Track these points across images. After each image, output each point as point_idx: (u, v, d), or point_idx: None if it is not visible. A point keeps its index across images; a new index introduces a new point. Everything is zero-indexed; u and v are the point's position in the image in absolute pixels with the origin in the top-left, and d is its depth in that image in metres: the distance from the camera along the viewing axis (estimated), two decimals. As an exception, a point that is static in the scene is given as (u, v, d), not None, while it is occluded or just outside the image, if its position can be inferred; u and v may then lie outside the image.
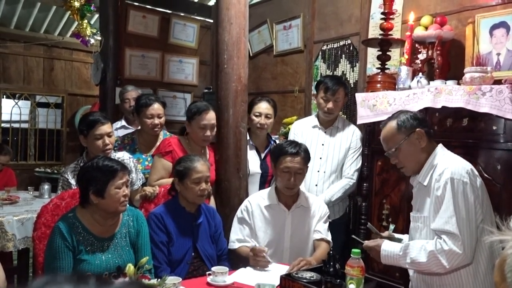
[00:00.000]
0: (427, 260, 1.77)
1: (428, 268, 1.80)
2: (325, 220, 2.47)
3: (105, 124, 2.44)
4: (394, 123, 1.93)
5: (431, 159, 1.89)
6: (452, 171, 1.78)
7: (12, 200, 3.42)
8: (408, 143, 1.89)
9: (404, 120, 1.91)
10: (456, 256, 1.72)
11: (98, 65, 4.19)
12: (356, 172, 2.90)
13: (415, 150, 1.90)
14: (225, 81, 2.76)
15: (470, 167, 1.82)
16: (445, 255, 1.73)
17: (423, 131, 1.89)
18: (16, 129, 6.47)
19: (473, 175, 1.80)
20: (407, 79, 2.69)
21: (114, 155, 2.58)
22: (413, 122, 1.90)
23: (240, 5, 2.75)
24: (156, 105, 2.88)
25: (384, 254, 1.91)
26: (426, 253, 1.77)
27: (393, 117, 1.97)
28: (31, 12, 5.87)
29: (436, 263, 1.75)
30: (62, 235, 1.86)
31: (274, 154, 2.44)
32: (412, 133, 1.89)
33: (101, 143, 2.41)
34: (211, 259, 2.30)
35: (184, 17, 4.90)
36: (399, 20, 3.17)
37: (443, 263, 1.74)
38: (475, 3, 2.74)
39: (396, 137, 1.91)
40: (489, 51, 2.55)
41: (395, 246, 1.90)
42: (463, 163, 1.84)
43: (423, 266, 1.81)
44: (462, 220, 1.73)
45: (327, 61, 3.84)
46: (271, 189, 2.48)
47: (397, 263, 1.89)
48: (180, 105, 4.77)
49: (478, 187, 1.80)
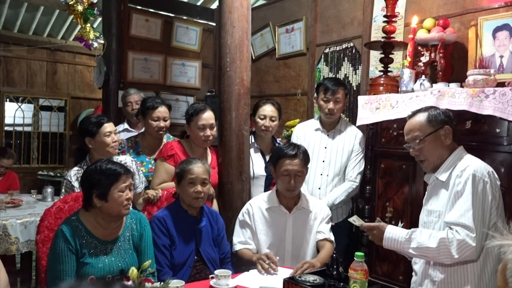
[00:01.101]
0: (436, 246, 1.77)
1: (435, 255, 1.79)
2: (327, 221, 2.47)
3: (110, 122, 2.57)
4: (425, 115, 1.94)
5: (453, 156, 1.91)
6: (475, 169, 1.80)
7: (15, 203, 3.43)
8: (434, 137, 1.91)
9: (435, 114, 1.93)
10: (467, 248, 1.72)
11: (101, 68, 4.20)
12: (359, 175, 2.90)
13: (439, 145, 1.91)
14: (228, 84, 2.76)
15: (491, 169, 1.84)
16: (456, 245, 1.73)
17: (451, 129, 1.91)
18: (19, 132, 6.50)
19: (494, 178, 1.82)
20: (410, 81, 2.68)
21: (116, 158, 2.59)
22: (443, 118, 1.92)
23: (243, 9, 2.75)
24: (162, 108, 2.90)
25: (388, 236, 1.91)
26: (436, 240, 1.77)
27: (424, 110, 1.98)
28: (35, 16, 5.90)
29: (445, 251, 1.75)
30: (66, 238, 1.86)
31: (273, 157, 2.46)
32: (441, 129, 1.90)
33: (111, 140, 2.52)
34: (213, 262, 2.29)
35: (187, 20, 4.92)
36: (401, 23, 3.16)
37: (452, 253, 1.73)
38: (478, 6, 2.74)
39: (424, 128, 1.92)
40: (492, 54, 2.55)
41: (401, 230, 1.91)
42: (484, 164, 1.86)
43: (431, 253, 1.80)
44: (478, 216, 1.74)
45: (329, 64, 3.84)
46: (272, 192, 2.48)
47: (400, 247, 1.88)
48: (182, 108, 4.77)
49: (497, 190, 1.82)
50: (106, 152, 2.53)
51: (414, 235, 1.85)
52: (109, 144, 2.52)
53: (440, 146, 1.91)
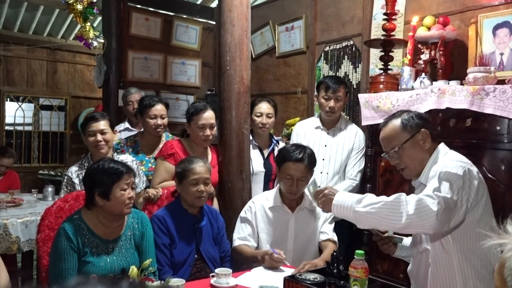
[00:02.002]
0: (391, 200, 1.62)
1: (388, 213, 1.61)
2: (330, 221, 2.47)
3: (98, 121, 2.51)
4: (398, 121, 1.85)
5: (433, 158, 1.82)
6: (447, 164, 1.70)
7: (16, 202, 3.44)
8: (412, 143, 1.81)
9: (408, 118, 1.84)
10: (425, 208, 1.57)
11: (101, 67, 4.20)
12: (359, 173, 2.90)
13: (418, 150, 1.82)
14: (228, 82, 2.76)
15: (468, 167, 1.70)
16: (415, 202, 1.58)
17: (428, 131, 1.82)
18: (19, 132, 6.50)
19: (469, 174, 1.69)
20: (410, 79, 2.68)
21: (117, 157, 2.60)
22: (418, 121, 1.83)
23: (243, 7, 2.75)
24: (159, 106, 2.90)
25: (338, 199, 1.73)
26: (392, 196, 1.64)
27: (396, 116, 1.88)
28: (34, 15, 5.89)
29: (399, 205, 1.59)
30: (68, 237, 1.86)
31: (278, 158, 2.42)
32: (417, 133, 1.81)
33: (93, 140, 2.49)
34: (214, 261, 2.29)
35: (187, 19, 4.91)
36: (401, 21, 3.16)
37: (407, 208, 1.58)
38: (478, 3, 2.74)
39: (400, 136, 1.83)
40: (492, 51, 2.55)
41: (353, 195, 1.75)
42: (460, 161, 1.73)
43: (383, 209, 1.62)
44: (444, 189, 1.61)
45: (329, 62, 3.84)
46: (276, 191, 2.47)
47: (347, 212, 1.69)
48: (183, 107, 4.77)
49: (472, 187, 1.67)
50: (92, 151, 2.53)
51: (366, 197, 1.70)
52: (90, 143, 2.49)
53: (420, 151, 1.82)
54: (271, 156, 3.11)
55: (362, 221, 1.70)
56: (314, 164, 2.40)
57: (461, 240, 1.72)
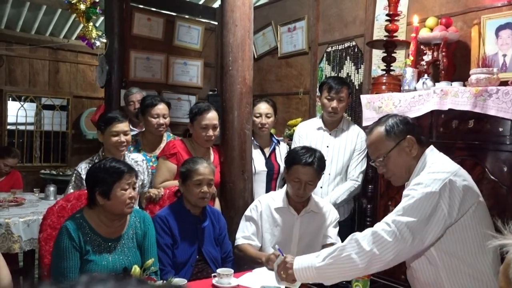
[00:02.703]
0: (345, 243, 1.58)
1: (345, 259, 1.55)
2: (335, 225, 2.45)
3: (122, 122, 2.55)
4: (382, 129, 1.76)
5: (420, 163, 1.73)
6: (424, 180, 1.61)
7: (18, 202, 3.44)
8: (398, 151, 1.73)
9: (393, 125, 1.75)
10: (381, 240, 1.52)
11: (103, 67, 4.21)
12: (361, 174, 2.90)
13: (405, 158, 1.74)
14: (230, 83, 2.76)
15: (450, 179, 1.59)
16: (369, 236, 1.54)
17: (414, 138, 1.73)
18: (21, 131, 6.50)
19: (451, 186, 1.58)
20: (412, 80, 2.68)
21: (128, 155, 2.65)
22: (403, 127, 1.74)
23: (245, 7, 2.75)
24: (161, 105, 2.92)
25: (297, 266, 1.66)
26: (346, 241, 1.60)
27: (381, 122, 1.80)
28: (37, 15, 5.90)
29: (353, 248, 1.55)
30: (70, 235, 1.87)
31: (287, 160, 2.39)
32: (403, 140, 1.73)
33: (116, 140, 2.51)
34: (215, 261, 2.29)
35: (189, 19, 4.91)
36: (404, 22, 3.16)
37: (361, 247, 1.54)
38: (481, 4, 2.73)
39: (385, 144, 1.75)
40: (495, 52, 2.54)
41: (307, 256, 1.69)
42: (442, 173, 1.61)
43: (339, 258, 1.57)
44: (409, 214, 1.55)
45: (331, 63, 3.84)
46: (283, 192, 2.45)
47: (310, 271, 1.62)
48: (184, 107, 4.77)
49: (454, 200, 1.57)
50: (111, 150, 2.55)
51: (323, 250, 1.66)
52: (113, 143, 2.52)
53: (407, 158, 1.73)
54: (272, 155, 3.13)
55: (327, 276, 1.62)
56: (323, 168, 2.37)
57: (447, 251, 1.64)
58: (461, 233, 1.62)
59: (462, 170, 1.70)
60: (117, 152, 2.55)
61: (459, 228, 1.62)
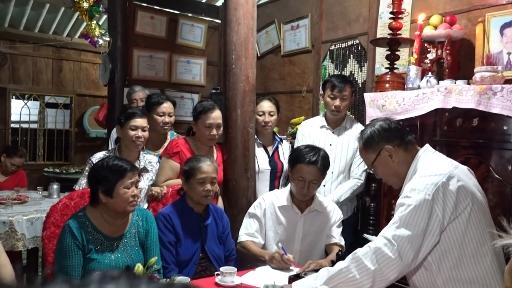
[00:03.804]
0: (347, 264, 1.57)
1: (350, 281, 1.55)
2: (338, 224, 2.45)
3: (142, 118, 2.62)
4: (361, 143, 1.81)
5: (412, 167, 1.72)
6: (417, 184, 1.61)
7: (21, 200, 3.45)
8: (381, 161, 1.75)
9: (369, 137, 1.77)
10: (384, 257, 1.53)
11: (106, 65, 4.21)
12: (364, 173, 2.89)
13: (390, 165, 1.75)
14: (233, 81, 2.76)
15: (442, 181, 1.57)
16: (372, 254, 1.54)
17: (391, 147, 1.73)
18: (25, 130, 6.52)
19: (444, 190, 1.56)
20: (416, 78, 2.67)
21: (143, 156, 2.70)
22: (378, 139, 1.74)
23: (248, 6, 2.74)
24: (167, 103, 2.94)
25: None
26: (348, 259, 1.60)
27: (362, 133, 1.83)
28: (40, 13, 5.91)
29: (356, 269, 1.54)
30: (72, 234, 1.87)
31: (291, 159, 2.38)
32: (381, 150, 1.74)
33: (133, 134, 2.56)
34: (218, 259, 2.29)
35: (192, 17, 4.91)
36: (408, 20, 3.15)
37: (367, 264, 1.53)
38: (485, 2, 2.72)
39: (367, 157, 1.80)
40: (500, 50, 2.53)
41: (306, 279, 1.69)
42: (435, 176, 1.60)
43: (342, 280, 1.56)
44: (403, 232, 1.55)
45: (335, 61, 3.83)
46: (286, 190, 2.45)
47: None
48: (187, 106, 4.77)
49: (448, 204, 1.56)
50: (128, 145, 2.60)
51: (319, 273, 1.65)
52: (131, 138, 2.57)
53: (392, 165, 1.74)
54: (275, 154, 3.12)
55: None
56: (327, 167, 2.36)
57: (442, 257, 1.63)
58: (456, 237, 1.59)
59: (459, 169, 1.67)
60: (134, 147, 2.59)
61: (454, 232, 1.60)
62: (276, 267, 2.15)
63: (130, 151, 2.60)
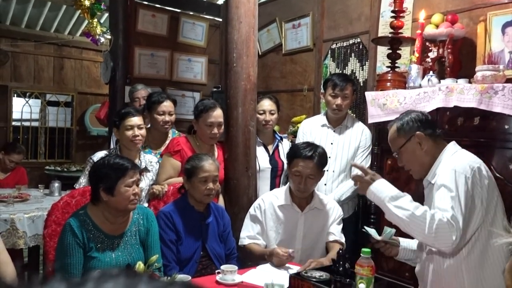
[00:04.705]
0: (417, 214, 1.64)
1: (408, 224, 1.67)
2: (338, 222, 2.45)
3: (136, 116, 2.58)
4: (395, 127, 1.90)
5: (438, 160, 1.82)
6: (455, 165, 1.71)
7: (22, 197, 3.46)
8: (409, 147, 1.85)
9: (404, 123, 1.87)
10: (444, 232, 1.60)
11: (107, 64, 4.21)
12: (366, 172, 2.89)
13: (417, 153, 1.84)
14: (235, 79, 2.76)
15: (478, 165, 1.72)
16: (436, 223, 1.60)
17: (423, 134, 1.82)
18: (26, 128, 6.53)
19: (479, 174, 1.70)
20: (418, 77, 2.66)
21: (144, 156, 2.67)
22: (413, 124, 1.84)
23: (250, 4, 2.74)
24: (167, 102, 2.93)
25: (376, 186, 1.81)
26: (422, 210, 1.66)
27: (397, 119, 1.92)
28: (42, 11, 5.91)
29: (420, 222, 1.63)
30: (73, 232, 1.87)
31: (289, 155, 2.41)
32: (412, 137, 1.83)
33: (130, 134, 2.53)
34: (219, 258, 2.30)
35: (193, 16, 4.91)
36: (409, 18, 3.14)
37: (424, 227, 1.62)
38: (487, 1, 2.71)
39: (397, 141, 1.88)
40: (501, 49, 2.52)
41: (392, 188, 1.79)
42: (469, 160, 1.74)
43: (405, 218, 1.67)
44: (458, 204, 1.63)
45: (336, 60, 3.83)
46: (285, 189, 2.45)
47: (381, 202, 1.77)
48: (189, 104, 4.77)
49: (482, 188, 1.69)
50: (127, 145, 2.58)
51: (402, 198, 1.73)
52: (128, 138, 2.55)
53: (419, 153, 1.83)
54: (276, 152, 3.12)
55: (388, 216, 1.77)
56: (325, 164, 2.38)
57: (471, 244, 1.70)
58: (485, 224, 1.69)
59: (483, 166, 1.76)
60: (132, 147, 2.57)
61: (488, 220, 1.69)
62: (277, 265, 2.16)
63: (130, 150, 2.58)
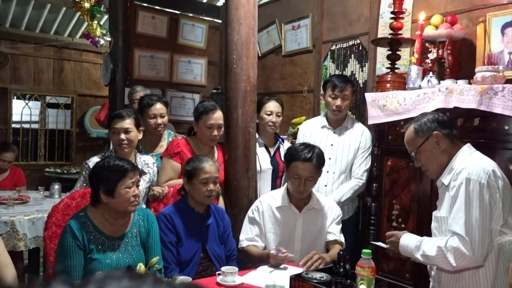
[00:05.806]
0: (435, 254, 1.78)
1: (436, 263, 1.83)
2: (338, 221, 2.45)
3: (123, 120, 2.51)
4: (412, 127, 1.96)
5: (453, 160, 1.88)
6: (469, 171, 1.76)
7: (23, 200, 3.45)
8: (427, 147, 1.91)
9: (421, 123, 1.93)
10: (463, 256, 1.71)
11: (107, 65, 4.21)
12: (366, 173, 2.89)
13: (435, 153, 1.90)
14: (234, 81, 2.76)
15: (492, 168, 1.77)
16: (452, 253, 1.73)
17: (440, 134, 1.89)
18: (26, 130, 6.53)
19: (494, 176, 1.76)
20: (417, 78, 2.67)
21: (140, 157, 2.64)
22: (430, 125, 1.91)
23: (249, 5, 2.74)
24: (158, 105, 2.90)
25: (402, 243, 1.93)
26: (435, 248, 1.79)
27: (414, 120, 1.99)
28: (41, 13, 5.92)
29: (442, 259, 1.77)
30: (73, 234, 1.87)
31: (286, 157, 2.40)
32: (430, 137, 1.89)
33: (116, 138, 2.50)
34: (219, 259, 2.29)
35: (193, 17, 4.91)
36: (409, 20, 3.14)
37: (449, 261, 1.74)
38: (486, 2, 2.72)
39: (415, 141, 1.94)
40: (501, 50, 2.53)
41: (414, 237, 1.91)
42: (484, 163, 1.80)
43: (432, 261, 1.83)
44: (472, 222, 1.71)
45: (336, 61, 3.83)
46: (283, 190, 2.45)
47: (412, 255, 1.90)
48: (188, 106, 4.78)
49: (499, 189, 1.74)
50: (116, 149, 2.55)
51: (421, 243, 1.86)
52: (115, 142, 2.52)
53: (437, 153, 1.90)
54: (277, 153, 3.12)
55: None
56: (323, 165, 2.38)
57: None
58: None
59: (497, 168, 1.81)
60: (120, 151, 2.52)
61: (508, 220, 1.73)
62: (275, 265, 2.16)
63: (119, 154, 2.48)
